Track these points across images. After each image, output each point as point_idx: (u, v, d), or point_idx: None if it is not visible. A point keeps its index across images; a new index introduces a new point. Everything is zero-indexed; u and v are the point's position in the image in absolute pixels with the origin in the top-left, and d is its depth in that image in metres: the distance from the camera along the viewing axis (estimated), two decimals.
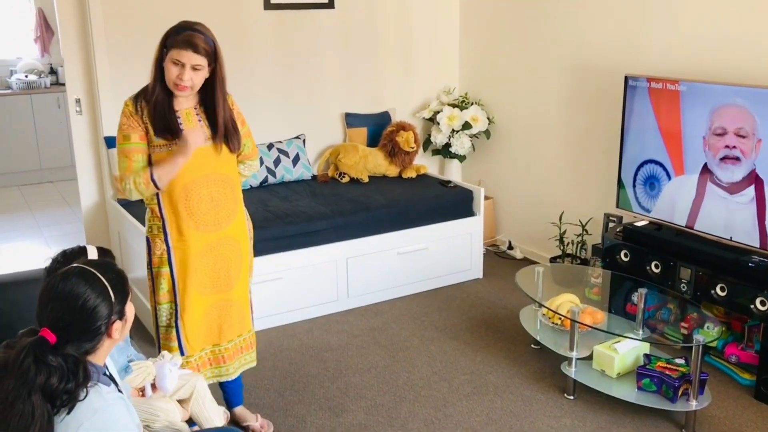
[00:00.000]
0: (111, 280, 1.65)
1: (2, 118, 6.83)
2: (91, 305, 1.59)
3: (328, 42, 4.79)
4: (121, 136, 2.50)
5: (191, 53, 2.40)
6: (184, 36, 2.41)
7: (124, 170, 2.50)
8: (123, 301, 1.68)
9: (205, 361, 2.73)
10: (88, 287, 1.60)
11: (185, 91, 2.46)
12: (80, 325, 1.59)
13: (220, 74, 2.53)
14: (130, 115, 2.49)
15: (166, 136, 2.49)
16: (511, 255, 4.94)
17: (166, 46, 2.45)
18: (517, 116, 4.86)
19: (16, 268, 4.81)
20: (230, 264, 2.70)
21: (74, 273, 1.62)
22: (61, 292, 1.59)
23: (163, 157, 2.50)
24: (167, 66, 2.44)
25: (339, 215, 4.05)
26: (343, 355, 3.58)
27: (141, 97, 2.52)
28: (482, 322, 3.93)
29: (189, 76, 2.43)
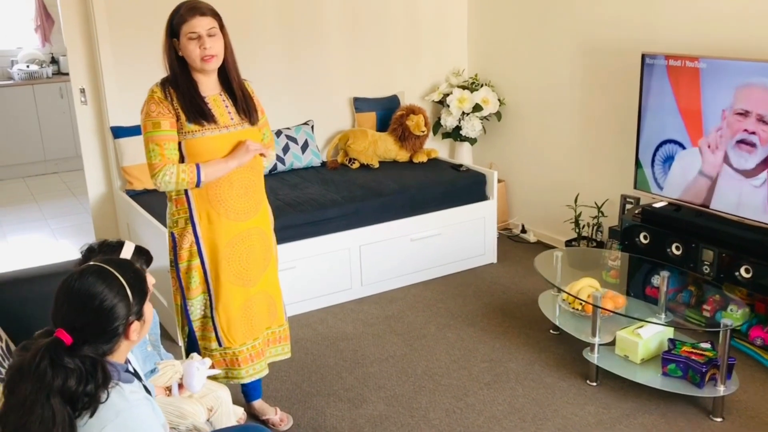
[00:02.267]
0: (129, 279, 1.58)
1: (4, 109, 6.76)
2: (108, 305, 1.53)
3: (334, 25, 4.70)
4: (150, 123, 2.41)
5: (199, 18, 2.36)
6: (186, 6, 2.39)
7: (158, 160, 2.39)
8: (141, 301, 1.61)
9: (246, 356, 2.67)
10: (105, 286, 1.54)
11: (213, 60, 2.39)
12: (97, 326, 1.53)
13: (227, 41, 2.48)
14: (159, 102, 2.41)
15: (200, 120, 2.41)
16: (524, 239, 4.87)
17: (173, 32, 2.40)
18: (529, 97, 4.77)
19: (24, 262, 4.78)
20: (260, 256, 2.64)
21: (91, 272, 1.56)
22: (77, 291, 1.53)
23: (196, 145, 2.42)
24: (186, 47, 2.38)
25: (350, 202, 3.98)
26: (359, 344, 3.53)
27: (168, 82, 2.45)
28: (499, 308, 3.87)
29: (210, 43, 2.37)
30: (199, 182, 2.42)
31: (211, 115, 2.44)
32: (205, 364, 2.26)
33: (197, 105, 2.42)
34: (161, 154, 2.40)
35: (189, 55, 2.39)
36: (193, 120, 2.42)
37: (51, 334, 1.52)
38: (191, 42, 2.38)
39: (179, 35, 2.39)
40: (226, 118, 2.49)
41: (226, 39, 2.47)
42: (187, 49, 2.39)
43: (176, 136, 2.43)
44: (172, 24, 2.41)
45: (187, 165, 2.41)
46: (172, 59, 2.45)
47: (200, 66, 2.41)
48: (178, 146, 2.44)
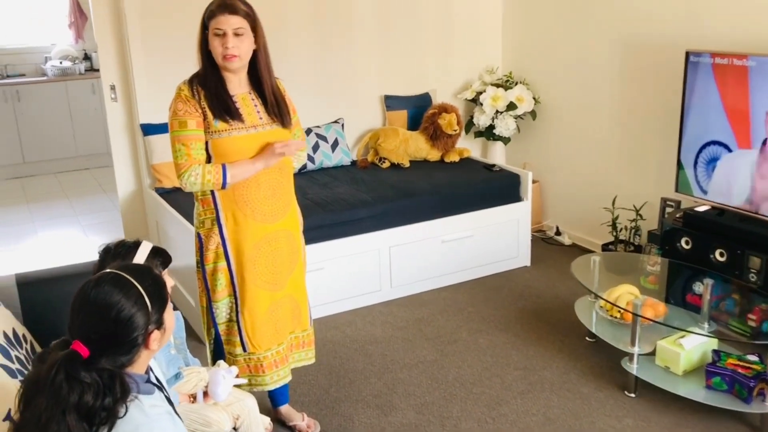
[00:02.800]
0: (147, 286, 1.51)
1: (38, 105, 6.80)
2: (126, 315, 1.46)
3: (366, 22, 4.61)
4: (177, 122, 2.36)
5: (228, 16, 2.30)
6: (218, 1, 2.33)
7: (184, 159, 2.34)
8: (161, 309, 1.54)
9: (270, 362, 2.60)
10: (122, 296, 1.47)
11: (234, 60, 2.33)
12: (115, 337, 1.46)
13: (262, 41, 2.41)
14: (186, 100, 2.36)
15: (225, 117, 2.36)
16: (558, 241, 4.74)
17: (206, 25, 2.35)
18: (566, 95, 4.64)
19: (54, 258, 4.78)
20: (287, 259, 2.57)
21: (107, 280, 1.49)
22: (93, 301, 1.46)
23: (223, 144, 2.37)
24: (211, 43, 2.33)
25: (380, 202, 3.89)
26: (388, 348, 3.44)
27: (195, 80, 2.40)
28: (533, 313, 3.76)
29: (233, 42, 2.30)
30: (224, 183, 2.36)
31: (237, 113, 2.38)
32: (232, 373, 2.20)
33: (224, 102, 2.36)
34: (187, 153, 2.34)
35: (213, 50, 2.35)
36: (219, 117, 2.36)
37: (68, 344, 1.45)
38: (216, 38, 2.33)
39: (209, 28, 2.34)
40: (254, 118, 2.42)
41: (260, 40, 2.41)
42: (212, 44, 2.34)
43: (203, 136, 2.37)
44: (203, 15, 2.36)
45: (212, 165, 2.36)
46: (203, 52, 2.40)
47: (222, 63, 2.35)
48: (205, 146, 2.38)
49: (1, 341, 2.18)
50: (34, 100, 6.78)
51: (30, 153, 6.87)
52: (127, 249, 2.03)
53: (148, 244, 2.04)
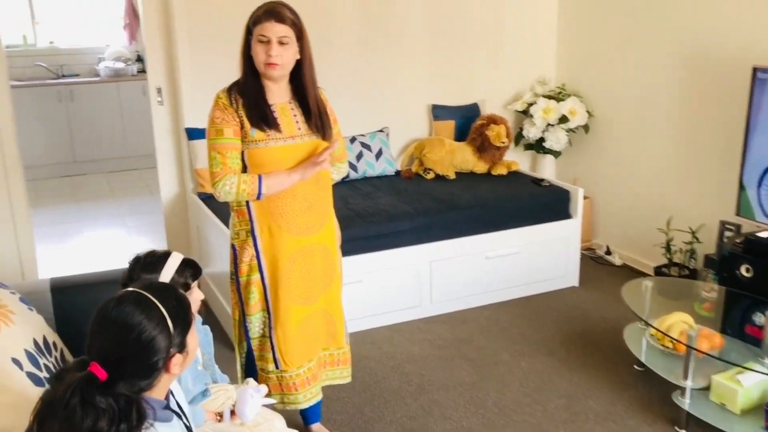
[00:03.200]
0: (171, 308, 1.44)
1: (90, 105, 6.90)
2: (147, 338, 1.39)
3: (414, 28, 4.51)
4: (214, 130, 2.32)
5: (274, 23, 2.23)
6: (266, 8, 2.27)
7: (219, 168, 2.30)
8: (184, 332, 1.47)
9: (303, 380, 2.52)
10: (144, 317, 1.40)
11: (276, 69, 2.26)
12: (134, 361, 1.39)
13: (307, 52, 2.34)
14: (224, 108, 2.31)
15: (262, 126, 2.30)
16: (609, 261, 4.55)
17: (250, 31, 2.29)
18: (621, 109, 4.45)
19: (97, 259, 4.81)
20: (322, 273, 2.49)
21: (129, 299, 1.42)
22: (113, 321, 1.40)
23: (259, 155, 2.31)
24: (254, 49, 2.27)
25: (423, 215, 3.78)
26: (426, 367, 3.33)
27: (234, 88, 2.35)
28: (579, 337, 3.60)
29: (277, 51, 2.24)
30: (259, 194, 2.29)
31: (274, 123, 2.31)
32: (260, 392, 2.12)
33: (262, 110, 2.30)
34: (222, 162, 2.29)
35: (255, 57, 2.29)
36: (256, 126, 2.30)
37: (86, 365, 1.39)
38: (259, 45, 2.26)
39: (252, 33, 2.28)
40: (293, 128, 2.35)
41: (305, 50, 2.34)
42: (254, 50, 2.28)
43: (239, 145, 2.32)
44: (249, 20, 2.31)
45: (248, 175, 2.29)
46: (245, 59, 2.34)
47: (263, 71, 2.29)
48: (241, 155, 2.32)
49: (31, 348, 2.14)
50: (87, 100, 6.88)
51: (81, 152, 6.98)
52: (156, 259, 1.97)
53: (178, 256, 1.98)
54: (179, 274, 1.95)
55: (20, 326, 2.16)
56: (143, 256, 2.00)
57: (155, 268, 1.93)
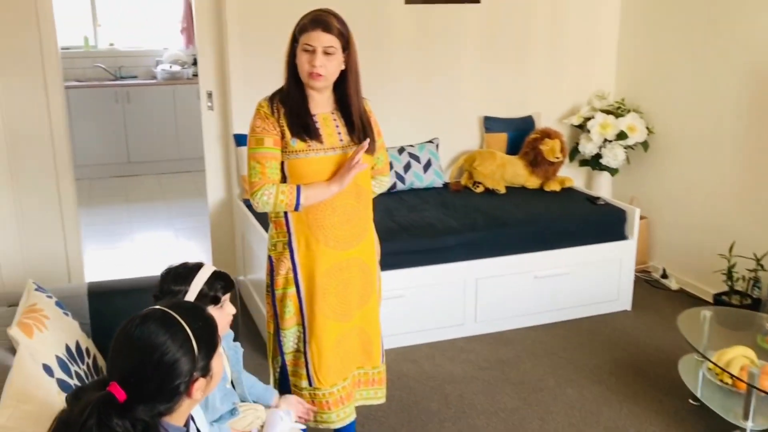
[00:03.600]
0: (196, 329, 1.37)
1: (145, 107, 7.00)
2: (170, 360, 1.33)
3: (470, 39, 4.40)
4: (254, 140, 2.27)
5: (321, 33, 2.16)
6: (313, 16, 2.20)
7: (258, 178, 2.25)
8: (209, 355, 1.40)
9: (336, 399, 2.44)
10: (168, 337, 1.34)
11: (320, 80, 2.19)
12: (155, 383, 1.33)
13: (353, 63, 2.27)
14: (265, 117, 2.26)
15: (303, 136, 2.24)
16: (665, 285, 4.34)
17: (296, 38, 2.22)
18: (683, 127, 4.25)
19: (145, 262, 4.84)
20: (360, 289, 2.41)
21: (153, 318, 1.36)
22: (136, 340, 1.34)
23: (299, 165, 2.25)
24: (299, 57, 2.21)
25: (470, 230, 3.67)
26: (467, 389, 3.21)
27: (276, 97, 2.30)
28: (630, 365, 3.42)
29: (321, 61, 2.17)
30: (297, 205, 2.23)
31: (316, 133, 2.24)
32: (290, 415, 2.05)
33: (303, 120, 2.24)
34: (261, 172, 2.23)
35: (299, 66, 2.23)
36: (297, 136, 2.24)
37: (105, 385, 1.33)
38: (304, 54, 2.20)
39: (298, 41, 2.22)
40: (334, 139, 2.28)
41: (351, 61, 2.26)
42: (299, 59, 2.22)
43: (279, 155, 2.26)
44: (296, 27, 2.25)
45: (287, 186, 2.23)
46: (290, 66, 2.28)
47: (306, 81, 2.22)
48: (281, 165, 2.26)
49: (63, 354, 2.12)
50: (143, 102, 6.98)
51: (135, 153, 7.08)
52: (187, 271, 1.93)
53: (209, 268, 1.93)
54: (209, 287, 1.89)
55: (53, 332, 2.14)
56: (174, 267, 1.95)
57: (185, 280, 1.89)
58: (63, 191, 3.75)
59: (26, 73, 3.53)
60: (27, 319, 2.08)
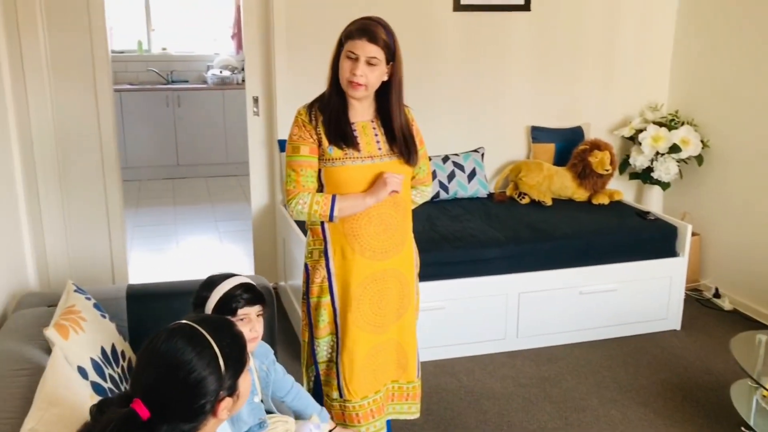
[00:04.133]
0: (224, 347, 1.33)
1: (196, 111, 7.10)
2: (196, 378, 1.29)
3: (520, 47, 4.32)
4: (291, 147, 2.26)
5: (366, 42, 2.13)
6: (361, 25, 2.16)
7: (294, 186, 2.24)
8: (237, 374, 1.36)
9: (367, 412, 2.40)
10: (194, 354, 1.30)
11: (359, 90, 2.16)
12: (180, 402, 1.29)
13: (397, 75, 2.22)
14: (303, 125, 2.25)
15: (341, 144, 2.21)
16: (717, 304, 4.16)
17: (342, 43, 2.20)
18: (740, 141, 4.08)
19: (189, 264, 4.88)
20: (397, 302, 2.36)
21: (181, 334, 1.33)
22: (162, 356, 1.30)
23: (336, 173, 2.22)
24: (341, 63, 2.18)
25: (514, 243, 3.58)
26: (506, 406, 3.12)
27: (315, 104, 2.28)
28: (678, 387, 3.28)
29: (362, 71, 2.13)
30: (331, 216, 2.20)
31: (353, 141, 2.21)
32: (321, 429, 2.00)
33: (341, 128, 2.21)
34: (296, 180, 2.22)
35: (340, 71, 2.20)
36: (335, 144, 2.21)
37: (129, 400, 1.31)
38: (347, 61, 2.17)
39: (343, 46, 2.19)
40: (373, 148, 2.24)
41: (395, 72, 2.22)
42: (341, 65, 2.19)
43: (315, 163, 2.23)
44: (343, 32, 2.22)
45: (322, 196, 2.20)
46: (333, 72, 2.26)
47: (345, 88, 2.19)
48: (317, 174, 2.23)
49: (98, 357, 2.12)
50: (193, 106, 7.08)
51: (184, 156, 7.18)
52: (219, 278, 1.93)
53: (239, 279, 1.91)
54: (231, 297, 1.87)
55: (90, 334, 2.15)
56: (213, 274, 1.95)
57: (213, 287, 1.88)
58: (110, 193, 3.80)
59: (77, 76, 3.59)
60: (64, 321, 2.09)
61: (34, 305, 2.53)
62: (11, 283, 2.81)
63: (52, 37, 3.48)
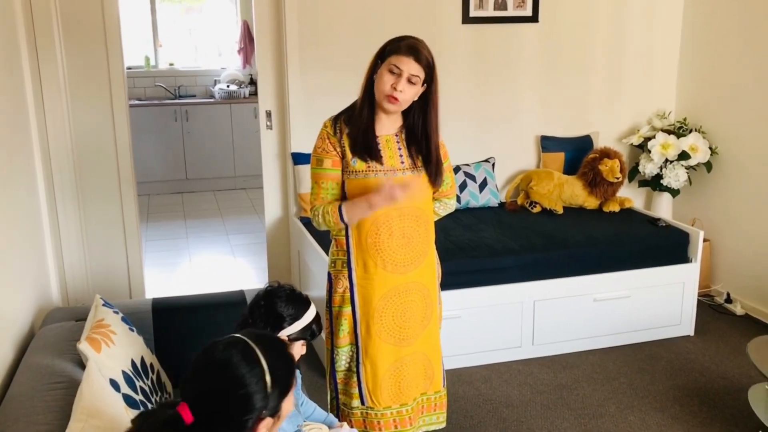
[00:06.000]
0: (276, 369, 1.36)
1: (203, 125, 7.15)
2: (245, 394, 1.32)
3: (528, 58, 4.37)
4: (315, 159, 2.32)
5: (412, 61, 2.18)
6: (407, 42, 2.22)
7: (314, 198, 2.32)
8: (282, 396, 1.38)
9: (389, 421, 2.43)
10: (247, 371, 1.33)
11: (396, 104, 2.21)
12: (225, 414, 1.32)
13: (435, 95, 2.29)
14: (326, 138, 2.30)
15: (365, 157, 2.25)
16: (729, 310, 4.20)
17: (382, 57, 2.23)
18: (749, 148, 4.12)
19: (203, 278, 4.92)
20: (420, 314, 2.40)
21: (237, 349, 1.35)
22: (216, 366, 1.34)
23: (358, 186, 2.26)
24: (381, 75, 2.21)
25: (528, 251, 3.61)
26: (524, 414, 3.15)
27: (342, 117, 2.33)
28: (694, 392, 3.31)
29: (403, 86, 2.18)
30: (342, 219, 2.27)
31: (377, 154, 2.25)
32: None
33: (366, 142, 2.25)
34: (317, 193, 2.30)
35: (379, 83, 2.22)
36: (359, 156, 2.25)
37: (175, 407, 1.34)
38: (388, 74, 2.21)
39: (384, 60, 2.23)
40: (395, 161, 2.28)
41: (433, 94, 2.28)
42: (381, 77, 2.22)
43: (338, 176, 2.28)
44: (387, 46, 2.25)
45: (331, 205, 2.26)
46: (367, 83, 2.29)
47: (381, 100, 2.23)
48: (341, 185, 2.28)
49: (129, 369, 2.16)
50: (201, 120, 7.14)
51: (192, 170, 7.23)
52: (302, 301, 1.99)
53: (314, 307, 1.97)
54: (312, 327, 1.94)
55: (121, 347, 2.18)
56: (286, 288, 1.98)
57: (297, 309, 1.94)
58: (126, 208, 3.84)
59: (94, 92, 3.64)
60: (95, 335, 2.12)
61: (60, 320, 2.57)
62: (38, 298, 2.85)
63: (69, 55, 3.53)
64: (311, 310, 1.95)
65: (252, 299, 1.99)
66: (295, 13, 3.93)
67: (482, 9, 4.21)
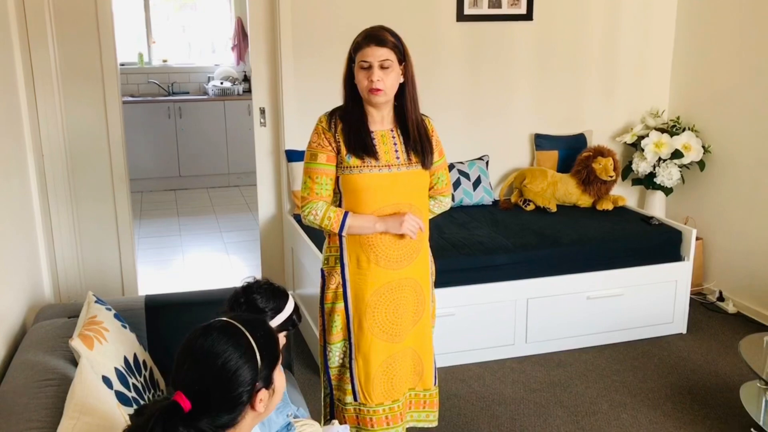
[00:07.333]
0: (259, 338, 1.39)
1: (197, 122, 7.13)
2: (232, 367, 1.33)
3: (522, 56, 4.38)
4: (309, 154, 2.31)
5: (375, 47, 2.18)
6: (366, 33, 2.23)
7: (308, 193, 2.29)
8: (271, 365, 1.41)
9: (381, 418, 2.43)
10: (230, 345, 1.35)
11: (379, 94, 2.21)
12: (218, 392, 1.34)
13: (409, 73, 2.28)
14: (322, 133, 2.30)
15: (360, 154, 2.25)
16: (721, 308, 4.21)
17: (352, 58, 2.25)
18: (741, 146, 4.14)
19: (196, 274, 4.91)
20: (412, 310, 2.40)
21: (216, 328, 1.38)
22: (199, 349, 1.35)
23: (353, 181, 2.26)
24: (357, 77, 2.23)
25: (521, 249, 3.62)
26: (518, 411, 3.15)
27: (336, 113, 2.33)
28: (686, 390, 3.32)
29: (379, 75, 2.18)
30: (340, 232, 2.27)
31: (373, 150, 2.25)
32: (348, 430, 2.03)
33: (361, 138, 2.26)
34: (310, 188, 2.28)
35: (358, 84, 2.24)
36: (354, 153, 2.25)
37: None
38: (361, 71, 2.21)
39: (354, 60, 2.24)
40: (391, 156, 2.28)
41: (408, 73, 2.28)
42: (357, 77, 2.24)
43: (332, 171, 2.28)
44: (351, 48, 2.27)
45: (335, 211, 2.27)
46: (347, 87, 2.30)
47: (367, 97, 2.24)
48: (335, 181, 2.28)
49: (121, 367, 2.15)
50: (194, 117, 7.12)
51: (186, 167, 7.21)
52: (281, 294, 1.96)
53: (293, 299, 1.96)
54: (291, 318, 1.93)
55: (113, 344, 2.17)
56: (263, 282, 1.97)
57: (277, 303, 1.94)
58: (119, 205, 3.82)
59: (86, 88, 3.62)
60: (88, 331, 2.11)
61: (52, 317, 2.55)
62: (30, 295, 2.84)
63: (62, 49, 3.51)
64: (290, 301, 1.94)
65: (229, 297, 1.97)
66: (289, 10, 3.92)
67: (477, 7, 4.21)
